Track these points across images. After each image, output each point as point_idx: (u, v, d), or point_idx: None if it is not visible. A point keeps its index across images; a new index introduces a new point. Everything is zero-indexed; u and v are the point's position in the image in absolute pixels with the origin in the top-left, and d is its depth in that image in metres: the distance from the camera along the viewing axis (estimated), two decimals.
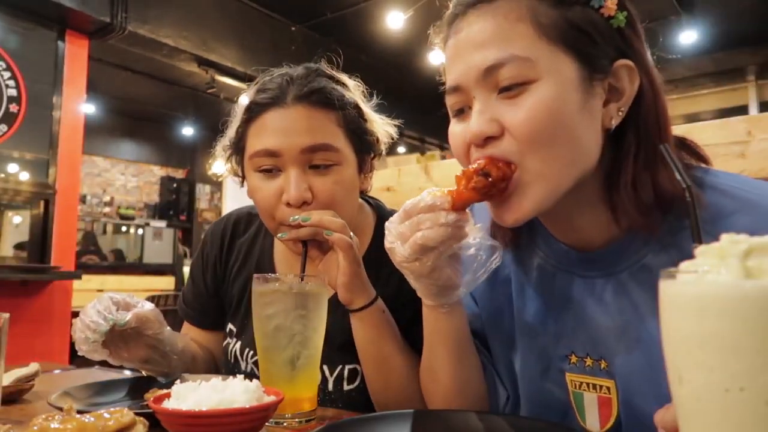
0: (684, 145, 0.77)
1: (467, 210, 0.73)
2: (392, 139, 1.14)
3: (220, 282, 1.21)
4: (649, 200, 0.68)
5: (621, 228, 0.72)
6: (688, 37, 6.29)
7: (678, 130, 1.23)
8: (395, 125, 1.15)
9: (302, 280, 0.88)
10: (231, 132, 1.07)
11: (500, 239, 0.81)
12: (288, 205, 0.96)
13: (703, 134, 1.20)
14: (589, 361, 0.77)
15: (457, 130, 0.74)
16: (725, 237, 0.39)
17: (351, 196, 1.04)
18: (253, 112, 1.01)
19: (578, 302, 0.78)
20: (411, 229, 0.72)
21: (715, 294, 0.37)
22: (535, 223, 0.82)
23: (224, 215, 1.28)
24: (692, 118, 7.78)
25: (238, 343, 1.16)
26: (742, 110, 7.66)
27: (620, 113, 0.70)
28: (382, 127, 1.12)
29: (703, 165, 0.76)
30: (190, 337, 1.21)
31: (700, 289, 0.38)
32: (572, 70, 0.67)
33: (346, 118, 1.01)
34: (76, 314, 1.00)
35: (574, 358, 0.78)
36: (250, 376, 1.12)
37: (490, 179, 0.67)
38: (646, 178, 0.68)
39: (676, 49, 6.49)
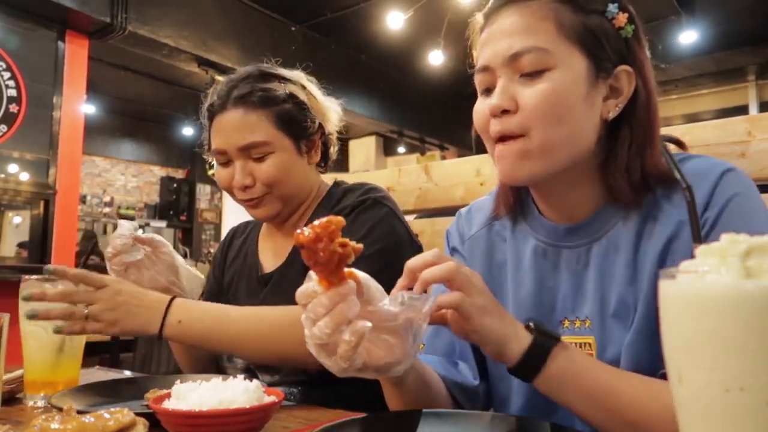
0: (669, 139, 0.91)
1: (349, 280, 0.64)
2: (342, 119, 1.33)
3: (221, 279, 1.38)
4: (638, 180, 0.81)
5: (604, 199, 0.85)
6: (688, 37, 6.29)
7: (678, 129, 1.24)
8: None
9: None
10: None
11: (503, 206, 0.94)
12: (234, 188, 1.19)
13: (703, 134, 1.20)
14: (578, 323, 0.86)
15: (481, 106, 0.84)
16: (725, 237, 0.39)
17: (291, 176, 1.21)
18: (210, 114, 1.24)
19: (567, 271, 0.87)
20: (310, 328, 0.64)
21: (715, 294, 0.37)
22: (531, 206, 0.92)
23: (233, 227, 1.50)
24: (692, 118, 7.78)
25: None
26: (742, 110, 7.67)
27: (617, 108, 0.82)
28: (329, 106, 1.29)
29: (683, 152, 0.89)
30: None
31: (700, 290, 0.38)
32: (582, 65, 0.80)
33: (277, 113, 1.19)
34: None
35: (566, 323, 0.87)
36: (245, 370, 1.21)
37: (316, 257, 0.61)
38: (636, 163, 0.81)
39: (676, 48, 6.49)
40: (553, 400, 0.74)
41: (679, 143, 0.94)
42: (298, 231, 0.61)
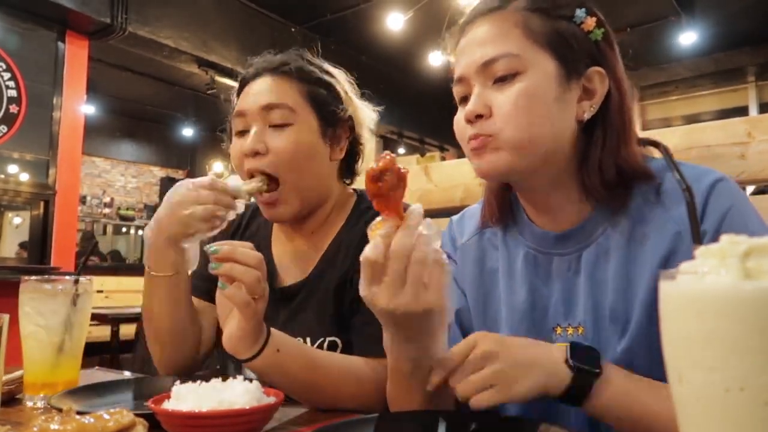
0: (644, 141, 0.90)
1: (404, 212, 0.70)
2: (376, 125, 1.26)
3: None
4: (612, 179, 0.83)
5: (590, 206, 0.86)
6: (688, 37, 6.30)
7: (678, 131, 1.24)
8: (383, 119, 1.26)
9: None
10: None
11: (489, 215, 0.96)
12: (246, 156, 1.09)
13: (702, 135, 1.20)
14: (570, 330, 0.87)
15: (459, 116, 0.87)
16: (725, 238, 0.39)
17: (312, 162, 1.12)
18: (241, 84, 1.18)
19: (558, 279, 0.88)
20: (396, 271, 0.68)
21: (715, 295, 0.37)
22: (521, 213, 0.94)
23: None
24: (692, 119, 7.78)
25: None
26: (742, 111, 7.67)
27: (592, 109, 0.84)
28: (363, 109, 1.23)
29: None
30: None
31: (699, 290, 0.38)
32: (552, 68, 0.82)
33: (309, 89, 1.14)
34: None
35: (559, 330, 0.87)
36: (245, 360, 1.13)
37: (380, 184, 0.69)
38: (609, 161, 0.83)
39: (675, 49, 6.50)
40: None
41: (658, 146, 0.91)
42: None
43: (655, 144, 0.88)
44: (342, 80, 1.21)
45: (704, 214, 0.78)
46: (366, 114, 1.23)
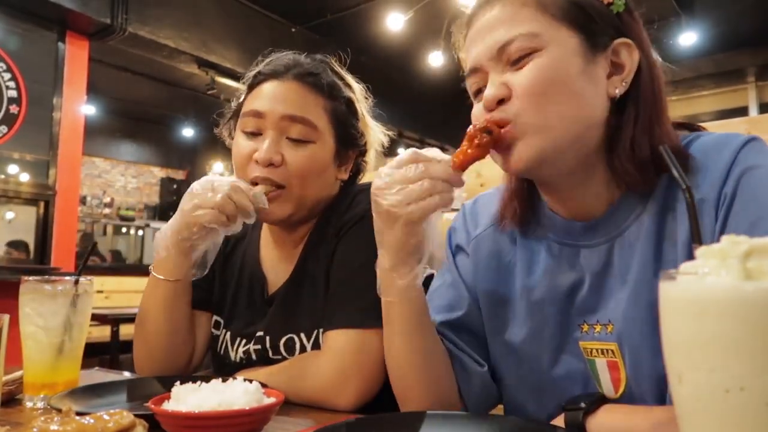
0: (677, 125, 0.86)
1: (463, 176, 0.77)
2: (384, 147, 1.23)
3: (213, 268, 1.21)
4: (646, 158, 0.76)
5: (618, 192, 0.80)
6: (688, 38, 6.30)
7: None
8: (390, 126, 1.24)
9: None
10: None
11: (509, 217, 0.90)
12: (256, 163, 1.05)
13: None
14: (598, 327, 0.81)
15: (476, 108, 0.82)
16: (725, 238, 0.39)
17: (320, 178, 1.10)
18: (256, 80, 1.11)
19: (585, 272, 0.82)
20: (417, 174, 0.75)
21: (716, 296, 0.37)
22: (542, 206, 0.88)
23: None
24: (692, 119, 7.69)
25: (228, 333, 1.16)
26: (741, 111, 7.67)
27: (624, 84, 0.79)
28: (376, 132, 1.21)
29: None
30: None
31: (700, 291, 0.38)
32: (574, 40, 0.76)
33: (334, 107, 1.10)
34: None
35: (585, 327, 0.82)
36: (240, 366, 1.12)
37: (492, 135, 0.75)
38: (643, 139, 0.77)
39: (675, 50, 6.49)
40: None
41: (693, 127, 0.89)
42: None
43: (690, 127, 0.85)
44: (360, 98, 1.19)
45: (730, 170, 0.73)
46: (376, 137, 1.22)
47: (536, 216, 0.90)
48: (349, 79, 1.18)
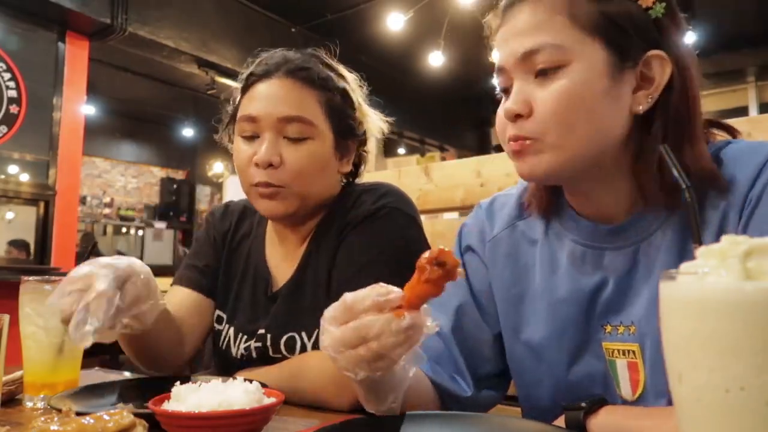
0: (713, 124, 0.84)
1: (424, 306, 0.66)
2: (384, 134, 1.22)
3: (219, 260, 1.24)
4: (672, 183, 0.72)
5: (643, 202, 0.79)
6: (688, 38, 6.29)
7: None
8: (390, 123, 1.22)
9: None
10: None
11: (536, 205, 0.89)
12: (257, 166, 1.05)
13: None
14: (621, 329, 0.80)
15: (500, 110, 0.81)
16: (725, 238, 0.39)
17: (322, 174, 1.10)
18: (248, 82, 1.11)
19: (610, 274, 0.81)
20: (356, 337, 0.65)
21: (716, 296, 0.37)
22: (565, 207, 0.87)
23: (224, 203, 1.34)
24: None
25: (231, 329, 1.17)
26: (742, 111, 7.67)
27: (649, 100, 0.75)
28: (375, 120, 1.21)
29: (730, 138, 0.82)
30: (181, 304, 1.18)
31: (700, 291, 0.38)
32: (602, 57, 0.74)
33: (328, 99, 1.10)
34: None
35: (608, 328, 0.81)
36: (241, 363, 1.12)
37: (445, 267, 0.64)
38: None
39: None
40: None
41: (729, 129, 0.85)
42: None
43: (725, 127, 0.82)
44: (355, 87, 1.19)
45: (759, 175, 0.71)
46: (375, 125, 1.21)
47: (559, 214, 0.88)
48: (342, 69, 1.18)
